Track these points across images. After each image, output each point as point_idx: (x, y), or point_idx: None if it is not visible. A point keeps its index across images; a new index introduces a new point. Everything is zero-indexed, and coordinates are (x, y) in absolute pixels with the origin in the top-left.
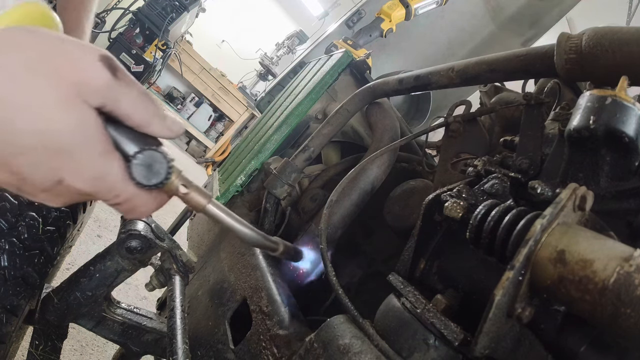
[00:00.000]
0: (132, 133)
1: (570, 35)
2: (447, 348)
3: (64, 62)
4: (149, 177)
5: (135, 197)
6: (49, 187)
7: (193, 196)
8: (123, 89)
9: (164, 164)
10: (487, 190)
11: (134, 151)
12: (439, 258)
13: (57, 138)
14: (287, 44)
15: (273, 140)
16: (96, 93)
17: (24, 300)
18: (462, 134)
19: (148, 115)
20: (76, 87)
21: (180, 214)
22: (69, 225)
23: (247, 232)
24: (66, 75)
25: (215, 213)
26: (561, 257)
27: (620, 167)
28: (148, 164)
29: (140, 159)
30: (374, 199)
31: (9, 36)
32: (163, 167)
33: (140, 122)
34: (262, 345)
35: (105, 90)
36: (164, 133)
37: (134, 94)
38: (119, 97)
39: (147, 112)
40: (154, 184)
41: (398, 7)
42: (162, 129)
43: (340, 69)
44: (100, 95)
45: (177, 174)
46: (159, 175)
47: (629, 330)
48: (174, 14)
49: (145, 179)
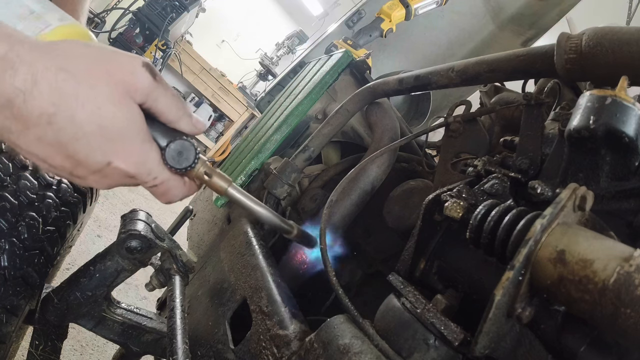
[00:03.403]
0: (165, 128)
1: (570, 35)
2: (447, 348)
3: (116, 67)
4: (180, 162)
5: (169, 180)
6: (99, 168)
7: (216, 181)
8: (161, 90)
9: (192, 151)
10: (487, 190)
11: (168, 140)
12: (439, 258)
13: (110, 127)
14: (287, 44)
15: (273, 140)
16: (141, 92)
17: (24, 300)
18: (462, 134)
19: (179, 114)
20: (126, 87)
21: (181, 214)
22: (69, 225)
23: (265, 213)
24: (118, 77)
25: (235, 195)
26: (561, 257)
27: (620, 167)
28: (179, 151)
29: (173, 146)
30: (374, 199)
31: (71, 46)
32: (192, 153)
33: (173, 118)
34: (262, 345)
35: (148, 90)
36: (190, 129)
37: (169, 95)
38: (157, 96)
39: (178, 110)
40: (184, 167)
41: (398, 7)
42: (189, 126)
43: (340, 69)
44: (144, 94)
45: (203, 163)
46: (188, 160)
47: (629, 330)
48: (174, 14)
49: (177, 163)
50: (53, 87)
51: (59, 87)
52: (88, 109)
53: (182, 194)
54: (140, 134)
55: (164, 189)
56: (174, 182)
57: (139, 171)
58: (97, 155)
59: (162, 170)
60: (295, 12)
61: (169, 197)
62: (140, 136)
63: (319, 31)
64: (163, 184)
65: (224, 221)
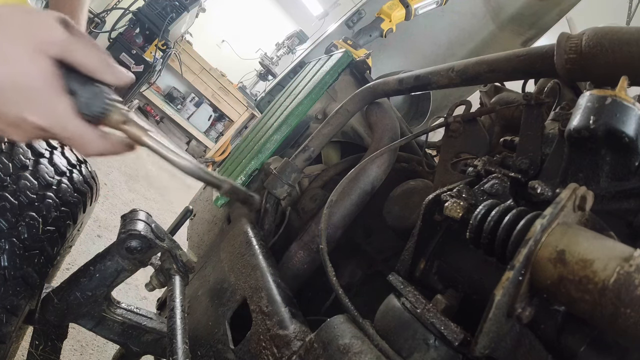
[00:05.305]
0: (87, 80)
1: (570, 35)
2: (447, 348)
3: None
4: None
5: (85, 133)
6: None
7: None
8: (77, 43)
9: (102, 97)
10: (487, 190)
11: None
12: (439, 258)
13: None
14: (287, 44)
15: (273, 140)
16: (55, 45)
17: (24, 300)
18: (462, 134)
19: (99, 65)
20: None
21: (180, 214)
22: (69, 225)
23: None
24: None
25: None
26: (561, 257)
27: (620, 167)
28: (90, 97)
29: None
30: (374, 199)
31: None
32: (102, 99)
33: (92, 69)
34: (262, 345)
35: (62, 43)
36: (113, 79)
37: (88, 47)
38: (74, 49)
39: (98, 62)
40: (95, 113)
41: (398, 7)
42: (112, 76)
43: (340, 69)
44: (58, 47)
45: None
46: (98, 106)
47: (629, 330)
48: (174, 14)
49: (86, 109)
50: None
51: None
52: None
53: (100, 146)
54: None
55: (80, 142)
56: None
57: (51, 124)
58: (12, 109)
59: (75, 122)
60: (295, 12)
61: (87, 149)
62: (52, 90)
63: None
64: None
65: (224, 221)
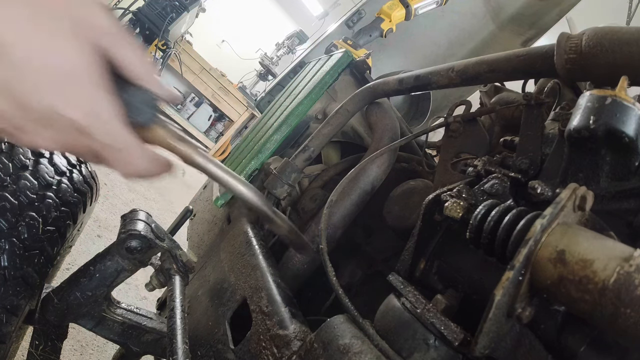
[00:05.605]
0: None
1: (570, 35)
2: (447, 348)
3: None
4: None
5: (131, 145)
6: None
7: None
8: (123, 39)
9: (153, 104)
10: (487, 190)
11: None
12: (439, 258)
13: (60, 64)
14: (287, 44)
15: (273, 140)
16: (99, 34)
17: (24, 300)
18: (462, 134)
19: (145, 69)
20: (83, 23)
21: (180, 214)
22: (69, 225)
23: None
24: (72, 10)
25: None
26: (561, 257)
27: (620, 167)
28: (139, 102)
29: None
30: (374, 199)
31: None
32: (152, 107)
33: (138, 73)
34: (262, 345)
35: (108, 32)
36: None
37: (134, 46)
38: (120, 44)
39: (144, 65)
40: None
41: (398, 7)
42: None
43: (340, 69)
44: (103, 37)
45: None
46: (147, 114)
47: (629, 330)
48: (174, 14)
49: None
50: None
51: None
52: (38, 41)
53: (145, 164)
54: (94, 77)
55: (122, 153)
56: (137, 147)
57: (92, 122)
58: (45, 98)
59: (121, 129)
60: (295, 12)
61: (129, 166)
62: (95, 80)
63: (319, 31)
64: (123, 146)
65: (224, 221)
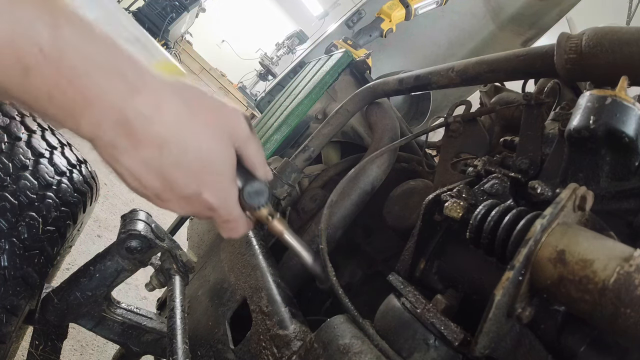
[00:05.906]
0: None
1: (570, 35)
2: (447, 348)
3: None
4: (252, 200)
5: (241, 219)
6: (189, 196)
7: (276, 224)
8: (253, 140)
9: (266, 193)
10: (487, 190)
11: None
12: (439, 258)
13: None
14: (287, 44)
15: (273, 140)
16: (239, 139)
17: (24, 300)
18: (462, 134)
19: (260, 161)
20: (230, 132)
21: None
22: (69, 225)
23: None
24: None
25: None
26: (561, 257)
27: (620, 167)
28: (256, 191)
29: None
30: (374, 199)
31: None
32: (265, 194)
33: (255, 164)
34: (262, 345)
35: (245, 138)
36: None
37: (258, 145)
38: (249, 145)
39: (260, 158)
40: (257, 206)
41: (398, 7)
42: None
43: (340, 69)
44: (241, 141)
45: (269, 208)
46: (261, 201)
47: (629, 330)
48: (174, 14)
49: (249, 199)
50: (175, 118)
51: (180, 120)
52: (197, 142)
53: (245, 231)
54: (231, 173)
55: (234, 224)
56: (243, 219)
57: (221, 205)
58: (192, 184)
59: (237, 207)
60: (295, 12)
61: (238, 231)
62: (231, 175)
63: (319, 31)
64: (235, 220)
65: None
